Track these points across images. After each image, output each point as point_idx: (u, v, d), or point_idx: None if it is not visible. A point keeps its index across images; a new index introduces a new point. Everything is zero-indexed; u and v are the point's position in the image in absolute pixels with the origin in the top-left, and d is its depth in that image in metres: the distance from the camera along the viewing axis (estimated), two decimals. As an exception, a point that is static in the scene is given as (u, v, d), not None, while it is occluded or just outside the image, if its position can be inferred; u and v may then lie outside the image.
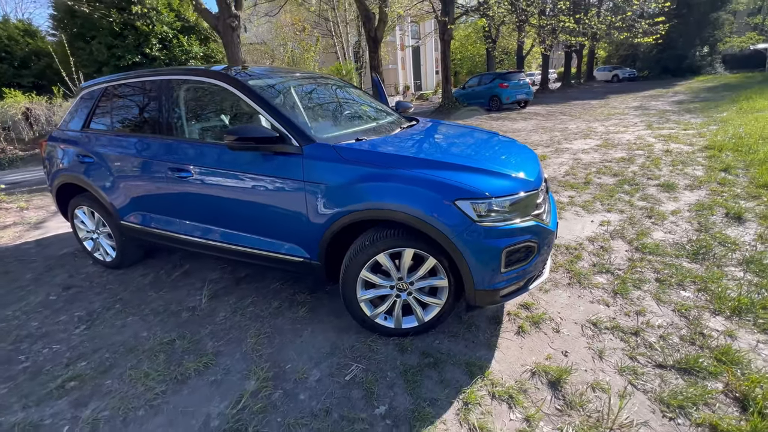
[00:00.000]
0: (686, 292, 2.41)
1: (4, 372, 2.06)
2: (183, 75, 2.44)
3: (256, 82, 2.29)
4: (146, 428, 1.66)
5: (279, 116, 2.09)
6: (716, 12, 25.16)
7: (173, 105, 2.43)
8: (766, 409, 1.54)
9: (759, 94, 11.47)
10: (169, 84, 2.45)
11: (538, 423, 1.59)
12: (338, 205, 1.92)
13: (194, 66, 2.92)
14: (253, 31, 19.97)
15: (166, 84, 2.45)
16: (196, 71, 2.44)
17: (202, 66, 2.79)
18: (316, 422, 1.64)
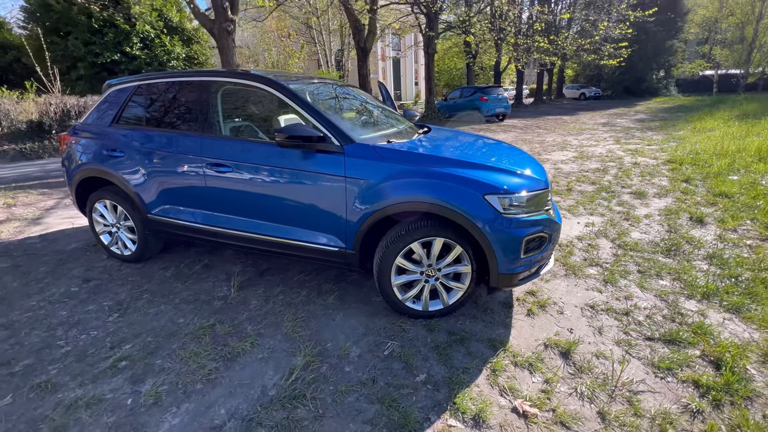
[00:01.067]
0: (664, 281, 2.81)
1: (47, 356, 2.12)
2: (224, 77, 2.61)
3: (296, 86, 2.50)
4: (207, 399, 1.80)
5: (321, 118, 2.31)
6: (670, 40, 27.54)
7: (212, 104, 2.59)
8: (735, 367, 1.90)
9: (709, 116, 12.71)
10: (208, 85, 2.60)
11: (556, 384, 1.87)
12: (379, 198, 2.15)
13: (235, 69, 3.08)
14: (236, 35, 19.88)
15: (206, 84, 2.61)
16: (239, 74, 2.61)
17: (244, 69, 2.96)
18: (365, 389, 1.85)
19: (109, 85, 3.02)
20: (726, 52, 30.96)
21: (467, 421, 1.67)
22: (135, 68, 13.71)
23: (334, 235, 2.36)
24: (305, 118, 2.36)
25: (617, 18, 15.92)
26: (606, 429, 1.62)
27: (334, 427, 1.65)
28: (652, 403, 1.74)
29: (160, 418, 1.70)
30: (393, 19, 14.53)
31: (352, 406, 1.75)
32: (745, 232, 3.61)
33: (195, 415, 1.71)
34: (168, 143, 2.68)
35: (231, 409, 1.74)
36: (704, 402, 1.74)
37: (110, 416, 1.71)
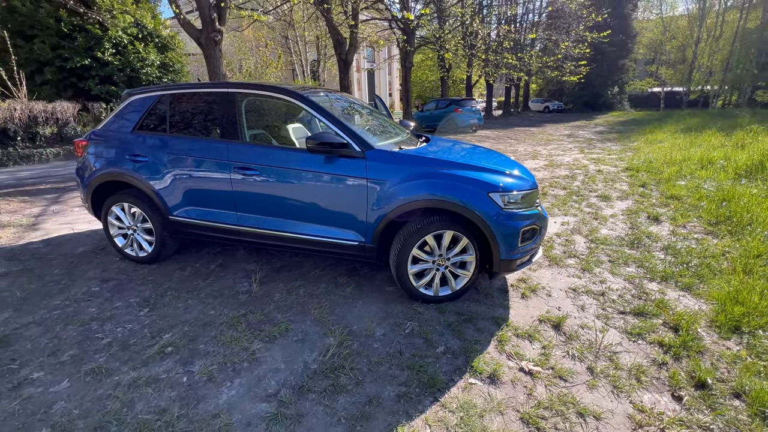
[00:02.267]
0: (630, 268, 3.30)
1: (90, 347, 2.25)
2: (251, 89, 2.86)
3: (317, 99, 2.80)
4: (256, 374, 2.03)
5: (343, 127, 2.62)
6: (622, 59, 30.02)
7: (238, 113, 2.83)
8: (689, 330, 2.36)
9: (658, 129, 14.05)
10: (234, 95, 2.84)
11: (552, 349, 2.24)
12: (398, 197, 2.47)
13: (261, 82, 3.32)
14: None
15: (232, 95, 2.84)
16: (266, 87, 2.87)
17: (273, 83, 3.21)
18: (394, 360, 2.14)
19: (130, 94, 3.17)
20: (670, 71, 34.08)
21: (484, 380, 2.00)
22: (107, 74, 13.35)
23: (354, 230, 2.65)
24: (329, 127, 2.65)
25: (576, 38, 17.29)
26: (594, 379, 2.00)
27: (375, 389, 1.93)
28: (628, 360, 2.15)
29: (217, 390, 1.91)
30: (372, 32, 15.06)
31: (386, 373, 2.04)
32: (692, 227, 4.22)
33: (249, 387, 1.94)
34: (194, 149, 2.88)
35: (280, 381, 1.98)
36: (667, 356, 2.17)
37: (171, 391, 1.90)
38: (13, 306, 2.67)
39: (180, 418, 1.73)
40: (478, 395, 1.90)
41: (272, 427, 1.69)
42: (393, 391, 1.91)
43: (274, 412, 1.77)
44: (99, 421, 1.72)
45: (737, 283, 2.82)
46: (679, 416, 1.77)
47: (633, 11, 30.62)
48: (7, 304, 2.69)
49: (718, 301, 2.66)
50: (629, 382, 1.99)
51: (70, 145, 11.37)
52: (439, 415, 1.77)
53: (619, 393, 1.92)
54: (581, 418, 1.77)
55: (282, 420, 1.73)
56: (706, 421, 1.75)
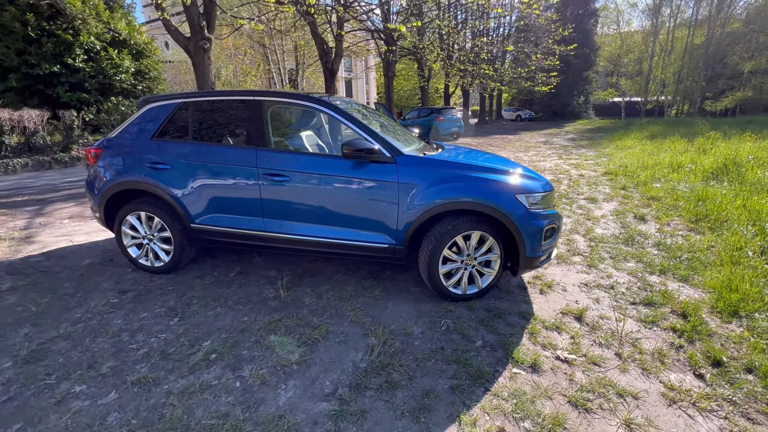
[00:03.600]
0: (630, 263, 3.56)
1: (128, 358, 2.20)
2: (278, 97, 2.90)
3: (345, 107, 2.88)
4: (309, 375, 2.06)
5: (373, 134, 2.72)
6: (587, 71, 31.86)
7: (264, 120, 2.86)
8: (695, 317, 2.59)
9: (625, 136, 15.01)
10: (260, 103, 2.87)
11: (580, 339, 2.41)
12: (429, 200, 2.59)
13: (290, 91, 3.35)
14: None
15: (258, 103, 2.88)
16: (296, 95, 2.93)
17: (299, 92, 3.25)
18: (439, 355, 2.23)
19: (146, 101, 3.13)
20: (629, 82, 36.47)
21: (526, 369, 2.13)
22: (77, 81, 12.78)
23: (385, 233, 2.73)
24: (358, 134, 2.74)
25: (546, 51, 18.25)
26: (624, 364, 2.18)
27: (427, 383, 2.01)
28: (649, 345, 2.35)
29: (273, 393, 1.93)
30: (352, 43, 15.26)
31: (434, 368, 2.13)
32: (676, 225, 4.59)
33: (305, 388, 1.97)
34: (220, 155, 2.88)
35: (335, 380, 2.02)
36: (682, 340, 2.38)
37: (227, 396, 1.90)
38: (30, 321, 2.56)
39: (245, 421, 1.74)
40: (525, 383, 2.02)
41: (340, 424, 1.74)
42: (445, 384, 2.00)
43: (338, 409, 1.82)
44: (162, 428, 1.70)
45: (728, 273, 3.12)
46: (705, 392, 1.97)
47: (594, 26, 32.66)
48: (24, 320, 2.57)
49: (714, 289, 2.93)
50: (654, 364, 2.17)
51: (39, 155, 10.77)
52: (493, 404, 1.88)
53: (648, 374, 2.10)
54: (621, 398, 1.93)
55: (347, 416, 1.78)
56: (728, 394, 1.95)
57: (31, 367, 2.11)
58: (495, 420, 1.78)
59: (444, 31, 13.85)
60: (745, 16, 32.07)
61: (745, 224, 4.21)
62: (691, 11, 34.21)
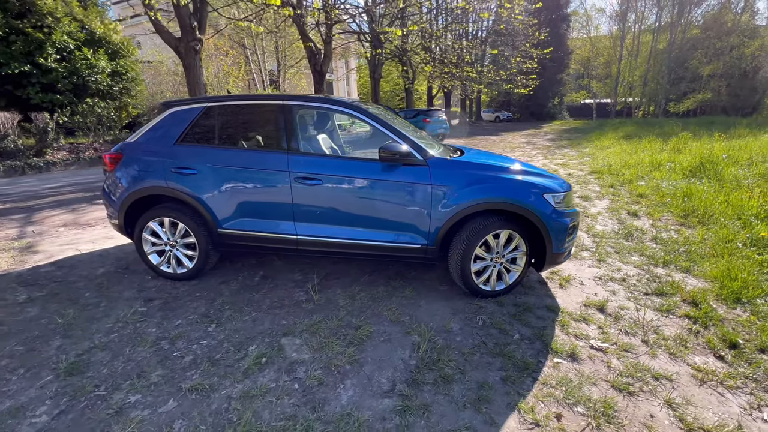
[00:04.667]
0: (634, 257, 3.80)
1: (175, 365, 2.18)
2: (308, 101, 2.93)
3: (375, 111, 2.94)
4: (363, 374, 2.11)
5: (405, 138, 2.79)
6: (560, 74, 33.10)
7: (295, 124, 2.88)
8: (705, 304, 2.81)
9: (602, 136, 15.72)
10: (290, 107, 2.89)
11: (607, 328, 2.57)
12: (462, 200, 2.68)
13: (317, 95, 3.35)
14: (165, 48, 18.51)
15: (288, 107, 2.89)
16: (327, 100, 2.97)
17: (327, 96, 3.27)
18: (482, 349, 2.33)
19: (168, 105, 3.07)
20: (600, 85, 38.15)
21: (566, 358, 2.27)
22: (49, 81, 12.17)
23: (417, 234, 2.81)
24: (389, 137, 2.81)
25: (524, 54, 18.88)
26: (652, 350, 2.35)
27: (479, 376, 2.10)
28: (669, 331, 2.54)
29: (334, 393, 1.97)
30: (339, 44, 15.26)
31: (481, 361, 2.23)
32: (667, 221, 4.90)
33: (363, 387, 2.02)
34: (250, 160, 2.87)
35: (390, 377, 2.08)
36: (698, 326, 2.59)
37: (289, 398, 1.93)
38: (60, 333, 2.47)
39: (315, 420, 1.78)
40: (569, 372, 2.15)
41: (407, 418, 1.81)
42: (496, 376, 2.10)
43: (402, 404, 1.88)
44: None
45: (726, 263, 3.39)
46: (728, 371, 2.16)
47: (567, 31, 33.95)
48: (52, 332, 2.48)
49: (717, 278, 3.18)
50: (678, 349, 2.36)
51: (11, 160, 10.17)
52: (544, 392, 1.99)
53: (676, 358, 2.28)
54: (657, 381, 2.09)
55: (413, 410, 1.84)
56: (749, 372, 2.15)
57: (76, 380, 2.05)
58: (550, 406, 1.90)
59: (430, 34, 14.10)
60: (702, 23, 34.20)
61: (730, 218, 4.56)
62: (654, 17, 36.20)
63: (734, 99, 31.51)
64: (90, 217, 5.27)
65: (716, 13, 33.08)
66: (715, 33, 31.51)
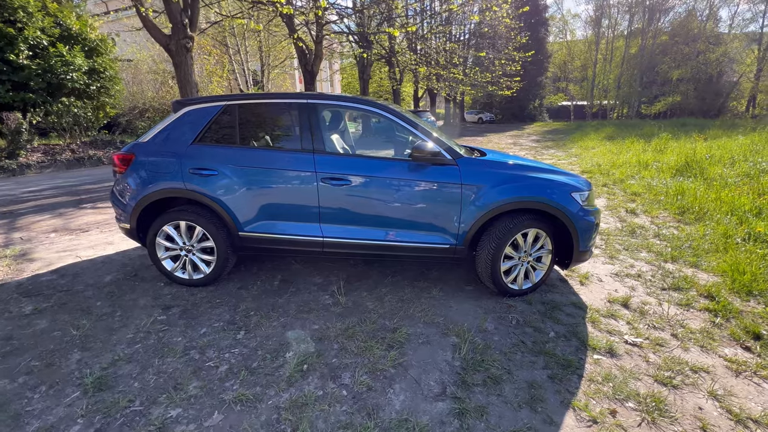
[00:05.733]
0: (643, 253, 3.91)
1: (211, 376, 2.07)
2: (335, 101, 2.86)
3: (400, 110, 2.90)
4: (410, 377, 2.07)
5: (433, 138, 2.77)
6: (540, 76, 34.00)
7: (321, 124, 2.81)
8: (721, 297, 2.92)
9: (585, 137, 16.22)
10: (315, 106, 2.82)
11: (636, 324, 2.63)
12: (492, 200, 2.68)
13: (343, 94, 3.27)
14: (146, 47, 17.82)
15: (313, 106, 2.82)
16: (354, 99, 2.91)
17: (356, 96, 3.19)
18: (522, 348, 2.34)
19: (182, 104, 2.93)
20: (576, 87, 39.38)
21: (605, 354, 2.29)
22: (21, 80, 11.50)
23: (446, 234, 2.79)
24: (418, 137, 2.78)
25: (508, 57, 19.28)
26: (684, 343, 2.41)
27: (526, 375, 2.10)
28: (695, 325, 2.62)
29: (385, 398, 1.92)
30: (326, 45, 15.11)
31: (524, 360, 2.22)
32: (665, 218, 5.08)
33: (413, 390, 1.98)
34: (274, 160, 2.78)
35: (438, 380, 2.05)
36: (719, 319, 2.68)
37: (341, 406, 1.86)
38: (78, 345, 2.31)
39: (374, 428, 1.73)
40: (611, 367, 2.17)
41: (466, 421, 1.78)
42: (543, 375, 2.11)
43: (457, 407, 1.85)
44: (293, 444, 1.64)
45: (732, 258, 3.54)
46: (759, 362, 2.24)
47: (546, 35, 34.90)
48: (69, 345, 2.32)
49: (726, 272, 3.31)
50: (707, 341, 2.43)
51: (-19, 163, 9.53)
52: (593, 388, 2.01)
53: (707, 350, 2.35)
54: (696, 373, 2.14)
55: (470, 413, 1.82)
56: (777, 362, 2.23)
57: (106, 395, 1.92)
58: (602, 403, 1.91)
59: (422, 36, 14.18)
60: (670, 29, 35.86)
61: (724, 215, 4.77)
62: (626, 24, 37.69)
63: (701, 102, 33.17)
64: (81, 221, 5.00)
65: (683, 20, 34.76)
66: (683, 39, 33.08)
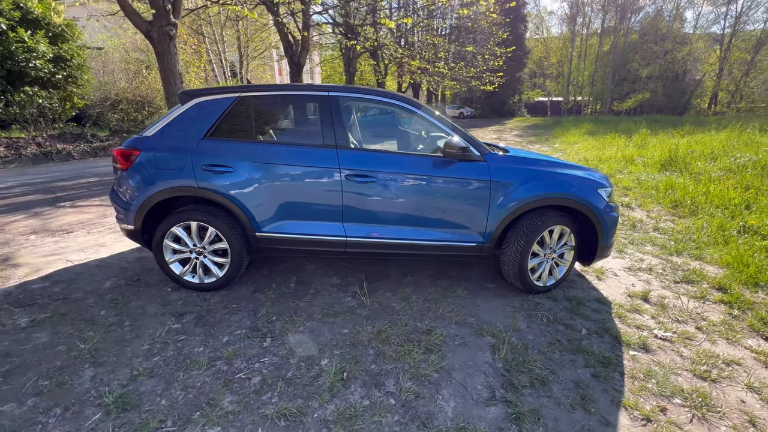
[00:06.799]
0: (648, 247, 4.00)
1: (245, 389, 1.93)
2: (357, 93, 2.73)
3: (423, 105, 2.80)
4: (456, 381, 2.00)
5: (462, 134, 2.69)
6: (519, 72, 34.57)
7: (343, 118, 2.67)
8: (733, 289, 3.01)
9: (565, 132, 16.63)
10: (336, 99, 2.67)
11: (660, 317, 2.67)
12: (522, 196, 2.64)
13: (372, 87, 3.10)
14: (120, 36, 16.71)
15: (335, 100, 2.67)
16: (379, 93, 2.79)
17: (381, 89, 3.04)
18: (559, 346, 2.32)
19: (190, 95, 2.70)
20: (553, 84, 40.35)
21: (640, 350, 2.31)
22: (-23, 67, 10.55)
23: (474, 231, 2.73)
24: (446, 131, 2.70)
25: (490, 53, 19.47)
26: (710, 336, 2.46)
27: (570, 374, 2.08)
28: (714, 317, 2.68)
29: (435, 405, 1.85)
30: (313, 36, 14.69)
31: (564, 359, 2.20)
32: (659, 211, 5.24)
33: (462, 395, 1.91)
34: (296, 156, 2.62)
35: (484, 383, 2.00)
36: (735, 311, 2.76)
37: (392, 416, 1.78)
38: (88, 361, 2.10)
39: (432, 437, 1.65)
40: (649, 363, 2.19)
41: (525, 426, 1.73)
42: (586, 374, 2.09)
43: (512, 412, 1.80)
44: (352, 461, 1.54)
45: (731, 250, 3.67)
46: (782, 352, 2.31)
47: (524, 31, 35.47)
48: (77, 360, 2.10)
49: (730, 264, 3.43)
50: (730, 333, 2.49)
51: (-66, 158, 8.69)
52: (637, 385, 2.01)
53: (733, 342, 2.41)
54: (729, 366, 2.19)
55: (525, 417, 1.77)
56: (799, 351, 2.32)
57: (133, 416, 1.75)
58: (650, 400, 1.91)
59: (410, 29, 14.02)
60: (640, 28, 37.26)
61: (716, 208, 4.96)
62: (599, 22, 38.87)
63: (668, 99, 34.72)
64: (62, 222, 4.62)
65: (652, 19, 36.16)
66: (652, 38, 34.45)
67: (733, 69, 34.34)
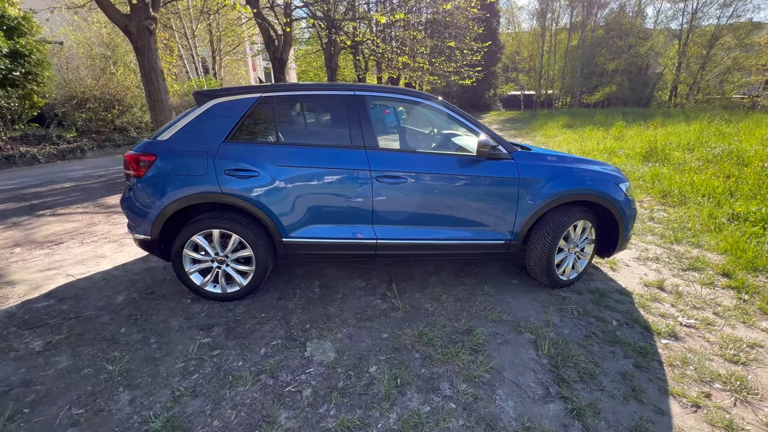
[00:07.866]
0: (649, 236, 4.18)
1: (296, 403, 1.86)
2: (384, 93, 2.66)
3: (447, 103, 2.78)
4: (507, 381, 2.02)
5: (490, 133, 2.69)
6: (494, 66, 35.15)
7: (371, 118, 2.60)
8: (737, 275, 3.19)
9: (543, 125, 17.08)
10: (362, 98, 2.60)
11: (679, 305, 2.79)
12: (550, 192, 2.67)
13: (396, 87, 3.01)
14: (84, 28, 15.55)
15: (361, 99, 2.60)
16: (408, 92, 2.74)
17: (406, 88, 2.96)
18: (595, 339, 2.38)
19: (208, 96, 2.55)
20: (526, 77, 41.32)
21: (670, 338, 2.41)
22: None
23: (503, 229, 2.75)
24: (474, 131, 2.69)
25: (469, 48, 19.68)
26: (728, 321, 2.60)
27: (614, 366, 2.14)
28: (727, 302, 2.83)
29: (495, 406, 1.85)
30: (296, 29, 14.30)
31: (603, 352, 2.26)
32: (649, 202, 5.48)
33: (518, 394, 1.93)
34: (324, 158, 2.53)
35: (536, 380, 2.02)
36: (744, 295, 2.93)
37: (456, 420, 1.76)
38: (122, 383, 1.96)
39: (503, 440, 1.65)
40: (682, 351, 2.28)
41: (587, 421, 1.76)
42: (628, 364, 2.16)
43: (571, 407, 1.83)
44: (431, 470, 1.51)
45: (731, 237, 3.88)
46: (795, 332, 2.48)
47: (497, 26, 36.06)
48: (108, 383, 1.96)
49: (728, 251, 3.63)
50: (744, 317, 2.64)
51: None
52: (677, 373, 2.09)
53: (750, 325, 2.55)
54: (753, 348, 2.32)
55: (585, 411, 1.81)
56: (809, 331, 2.49)
57: (186, 440, 1.65)
58: (693, 387, 2.00)
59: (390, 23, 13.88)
60: (605, 24, 38.71)
61: (702, 197, 5.24)
62: (567, 17, 40.08)
63: (633, 92, 36.35)
64: (47, 232, 4.30)
65: (617, 15, 37.63)
66: (617, 33, 35.87)
67: (690, 63, 36.30)
